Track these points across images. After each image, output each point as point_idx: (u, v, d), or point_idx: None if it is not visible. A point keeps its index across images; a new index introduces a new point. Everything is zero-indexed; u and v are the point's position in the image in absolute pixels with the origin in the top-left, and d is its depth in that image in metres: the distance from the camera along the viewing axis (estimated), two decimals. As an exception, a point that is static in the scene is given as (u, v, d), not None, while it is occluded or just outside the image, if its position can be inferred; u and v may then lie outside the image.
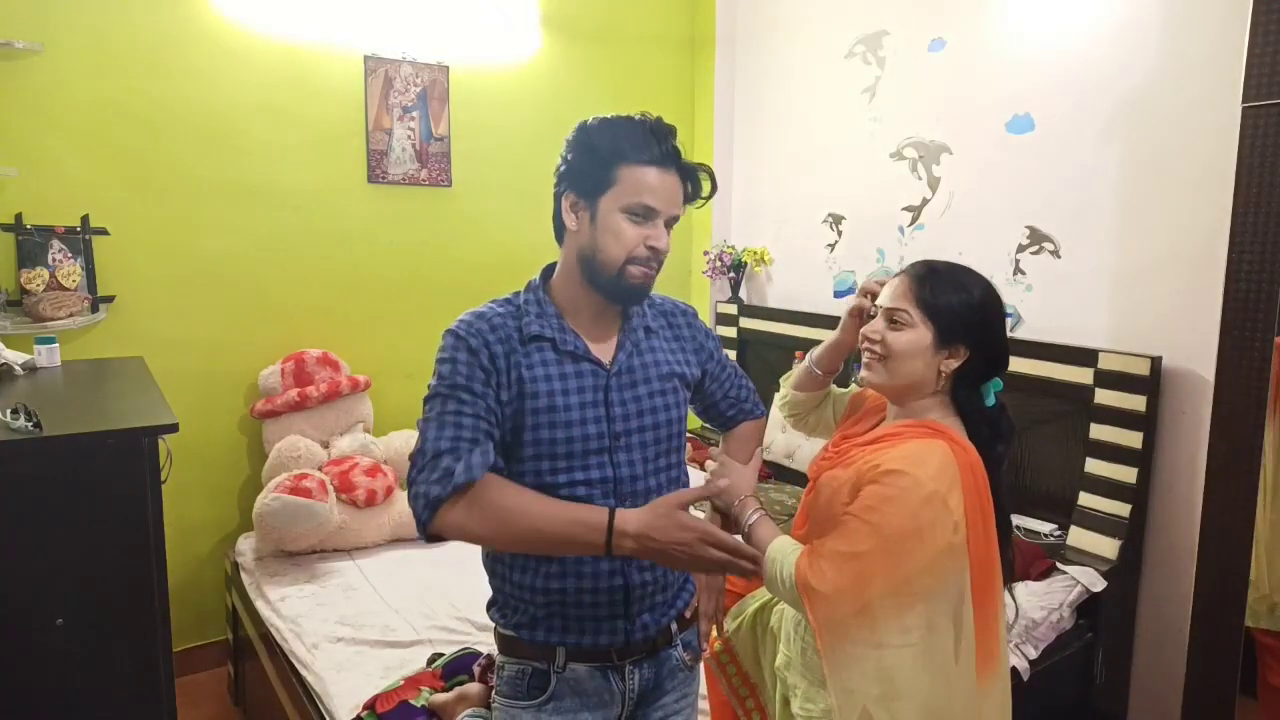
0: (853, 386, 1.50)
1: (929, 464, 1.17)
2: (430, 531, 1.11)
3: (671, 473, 1.28)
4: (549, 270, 1.27)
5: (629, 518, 1.07)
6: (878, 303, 1.30)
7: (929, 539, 1.15)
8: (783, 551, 1.26)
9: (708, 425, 1.53)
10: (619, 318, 1.25)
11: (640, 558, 0.95)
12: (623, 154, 1.14)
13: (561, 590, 1.19)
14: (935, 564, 1.16)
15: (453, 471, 1.08)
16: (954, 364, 1.25)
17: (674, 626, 1.29)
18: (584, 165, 1.17)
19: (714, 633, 1.53)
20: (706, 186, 1.23)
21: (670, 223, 1.19)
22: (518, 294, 1.25)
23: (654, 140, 1.15)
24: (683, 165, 1.19)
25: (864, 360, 1.30)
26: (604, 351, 1.23)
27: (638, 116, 1.18)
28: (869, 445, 1.26)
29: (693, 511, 1.10)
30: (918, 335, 1.24)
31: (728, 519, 1.38)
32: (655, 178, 1.15)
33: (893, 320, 1.26)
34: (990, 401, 1.28)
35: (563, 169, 1.20)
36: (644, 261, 1.17)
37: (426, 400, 1.16)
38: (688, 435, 1.36)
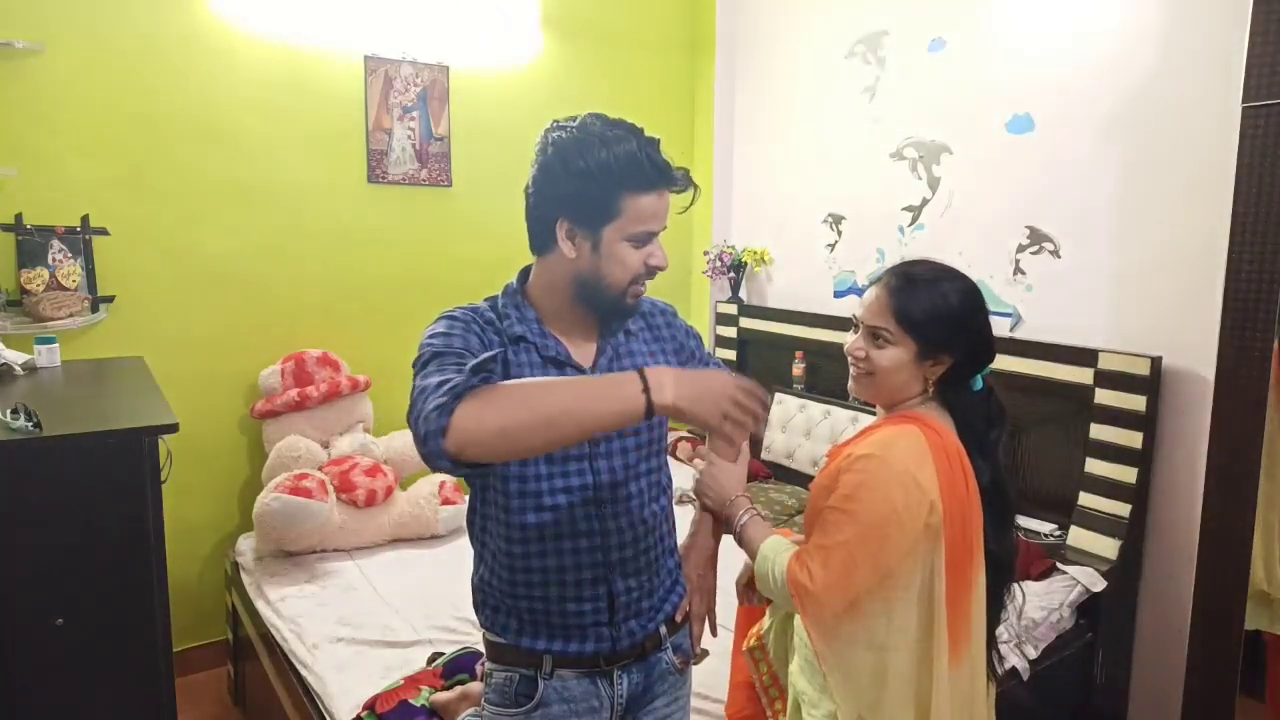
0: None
1: (897, 445, 1.19)
2: (447, 440, 0.92)
3: (653, 476, 1.26)
4: (525, 273, 1.24)
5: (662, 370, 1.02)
6: (859, 317, 1.30)
7: (907, 521, 1.15)
8: (775, 550, 1.27)
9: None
10: (598, 321, 1.23)
11: (680, 400, 0.97)
12: (624, 185, 1.11)
13: (545, 599, 1.18)
14: (916, 547, 1.17)
15: (456, 384, 0.97)
16: (939, 371, 1.27)
17: (663, 630, 1.27)
18: (583, 196, 1.11)
19: (754, 629, 1.53)
20: (690, 193, 1.19)
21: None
22: (493, 298, 1.22)
23: (649, 163, 1.11)
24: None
25: (851, 374, 1.32)
26: (584, 356, 1.21)
27: (614, 131, 1.12)
28: (850, 442, 1.28)
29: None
30: (900, 351, 1.25)
31: (718, 519, 1.38)
32: (654, 202, 1.13)
33: (875, 337, 1.27)
34: (978, 385, 1.30)
35: (547, 191, 1.14)
36: (644, 280, 1.17)
37: (418, 362, 1.07)
38: (686, 434, 1.35)
